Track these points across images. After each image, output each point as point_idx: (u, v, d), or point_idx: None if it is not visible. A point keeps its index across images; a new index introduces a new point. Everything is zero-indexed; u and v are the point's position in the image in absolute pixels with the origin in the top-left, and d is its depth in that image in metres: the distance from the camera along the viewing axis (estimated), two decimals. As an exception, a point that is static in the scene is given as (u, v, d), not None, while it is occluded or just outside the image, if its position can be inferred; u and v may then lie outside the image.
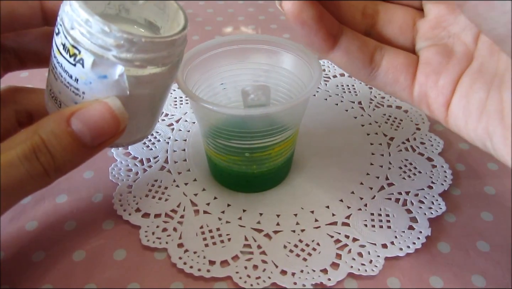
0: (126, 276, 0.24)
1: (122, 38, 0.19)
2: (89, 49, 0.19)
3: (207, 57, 0.29)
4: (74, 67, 0.20)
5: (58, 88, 0.21)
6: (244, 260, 0.25)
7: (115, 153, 0.32)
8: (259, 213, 0.28)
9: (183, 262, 0.25)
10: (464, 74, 0.20)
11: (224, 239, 0.26)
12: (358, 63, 0.21)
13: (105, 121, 0.20)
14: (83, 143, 0.20)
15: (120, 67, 0.19)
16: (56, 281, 0.24)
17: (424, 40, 0.21)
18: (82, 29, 0.19)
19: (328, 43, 0.21)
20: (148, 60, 0.20)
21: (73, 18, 0.19)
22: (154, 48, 0.20)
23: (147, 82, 0.21)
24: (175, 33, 0.21)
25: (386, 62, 0.21)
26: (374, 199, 0.29)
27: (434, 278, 0.25)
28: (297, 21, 0.20)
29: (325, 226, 0.27)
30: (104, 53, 0.19)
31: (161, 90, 0.23)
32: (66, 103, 0.21)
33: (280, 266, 0.25)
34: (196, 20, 0.50)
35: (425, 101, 0.21)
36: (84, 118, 0.20)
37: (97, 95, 0.20)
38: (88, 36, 0.19)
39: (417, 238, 0.26)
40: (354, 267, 0.25)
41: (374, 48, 0.21)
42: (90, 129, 0.20)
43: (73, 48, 0.20)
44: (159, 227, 0.27)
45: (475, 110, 0.19)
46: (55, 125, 0.20)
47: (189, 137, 0.34)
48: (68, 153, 0.20)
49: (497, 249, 0.26)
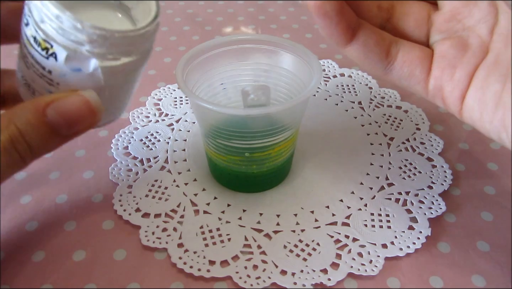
0: (126, 276, 0.24)
1: (95, 34, 0.19)
2: (62, 44, 0.19)
3: (207, 57, 0.29)
4: (47, 60, 0.20)
5: (31, 77, 0.21)
6: (244, 260, 0.25)
7: (115, 153, 0.32)
8: (259, 213, 0.28)
9: (183, 262, 0.25)
10: (479, 67, 0.20)
11: (224, 239, 0.26)
12: (374, 57, 0.21)
13: (82, 113, 0.21)
14: (58, 133, 0.21)
15: (94, 60, 0.20)
16: (56, 281, 0.24)
17: (439, 33, 0.22)
18: (53, 24, 0.19)
19: (347, 36, 0.21)
20: (121, 52, 0.20)
21: (42, 11, 0.19)
22: (127, 41, 0.20)
23: (120, 71, 0.21)
24: (147, 24, 0.21)
25: (402, 56, 0.22)
26: (374, 199, 0.29)
27: (434, 278, 0.25)
28: (319, 12, 0.20)
29: (325, 226, 0.27)
30: (77, 48, 0.19)
31: (134, 76, 0.23)
32: (40, 92, 0.21)
33: (280, 266, 0.25)
34: (196, 20, 0.50)
35: (440, 95, 0.21)
36: (60, 109, 0.20)
37: (72, 86, 0.21)
38: (60, 32, 0.19)
39: (417, 238, 0.26)
40: (354, 267, 0.25)
41: (390, 42, 0.22)
42: (66, 121, 0.21)
43: (44, 42, 0.19)
44: (159, 227, 0.27)
45: (490, 102, 0.19)
46: (31, 116, 0.20)
47: (189, 137, 0.34)
48: (44, 141, 0.21)
49: (497, 249, 0.26)
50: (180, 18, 0.51)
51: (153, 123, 0.35)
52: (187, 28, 0.49)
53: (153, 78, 0.41)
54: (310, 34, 0.48)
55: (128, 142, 0.33)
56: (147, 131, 0.34)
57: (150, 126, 0.35)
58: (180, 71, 0.26)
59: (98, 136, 0.34)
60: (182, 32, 0.48)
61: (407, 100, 0.38)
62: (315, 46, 0.45)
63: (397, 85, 0.24)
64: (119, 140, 0.34)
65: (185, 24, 0.50)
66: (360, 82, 0.40)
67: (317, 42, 0.46)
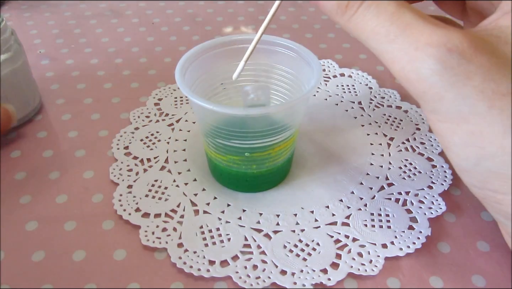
0: (126, 276, 0.24)
1: None
2: None
3: (207, 57, 0.29)
4: None
5: None
6: (244, 260, 0.25)
7: (116, 153, 0.32)
8: (259, 213, 0.28)
9: (183, 262, 0.25)
10: None
11: (224, 239, 0.26)
12: None
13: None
14: None
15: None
16: (56, 281, 0.24)
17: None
18: None
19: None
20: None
21: None
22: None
23: None
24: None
25: None
26: (374, 199, 0.29)
27: (434, 278, 0.25)
28: None
29: (325, 226, 0.27)
30: None
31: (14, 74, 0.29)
32: None
33: (280, 266, 0.25)
34: (196, 20, 0.50)
35: None
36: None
37: None
38: None
39: (417, 238, 0.26)
40: (354, 267, 0.25)
41: None
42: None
43: None
44: (159, 227, 0.27)
45: None
46: None
47: (189, 138, 0.34)
48: None
49: (497, 249, 0.26)
50: (180, 18, 0.51)
51: (153, 123, 0.35)
52: (187, 28, 0.49)
53: (153, 78, 0.41)
54: (310, 34, 0.48)
55: (129, 142, 0.33)
56: (147, 131, 0.34)
57: (151, 126, 0.35)
58: (180, 71, 0.26)
59: (98, 136, 0.34)
60: (182, 32, 0.48)
61: (407, 100, 0.38)
62: (315, 46, 0.45)
63: (397, 85, 0.23)
64: (120, 140, 0.34)
65: (185, 24, 0.50)
66: (360, 82, 0.40)
67: (317, 42, 0.46)
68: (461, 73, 0.17)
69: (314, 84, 0.25)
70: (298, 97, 0.25)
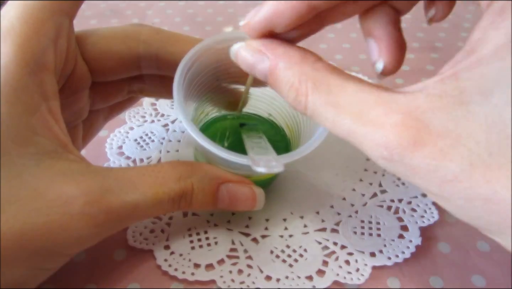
0: (126, 276, 0.24)
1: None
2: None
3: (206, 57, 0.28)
4: None
5: None
6: (230, 264, 0.25)
7: (109, 152, 0.32)
8: (248, 217, 0.28)
9: (168, 264, 0.25)
10: None
11: (211, 242, 0.26)
12: None
13: (245, 203, 0.24)
14: (217, 205, 0.24)
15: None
16: (56, 281, 0.24)
17: None
18: None
19: None
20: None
21: None
22: None
23: None
24: None
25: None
26: (366, 206, 0.28)
27: (434, 278, 0.24)
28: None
29: (314, 232, 0.27)
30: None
31: None
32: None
33: (265, 272, 0.24)
34: (196, 20, 0.50)
35: None
36: (231, 192, 0.24)
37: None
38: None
39: (407, 247, 0.26)
40: (340, 275, 0.24)
41: None
42: (231, 201, 0.24)
43: None
44: (147, 228, 0.27)
45: None
46: (207, 183, 0.23)
47: (183, 139, 0.34)
48: (204, 206, 0.24)
49: (497, 249, 0.26)
50: (180, 18, 0.51)
51: (148, 123, 0.35)
52: (187, 28, 0.49)
53: (151, 78, 0.41)
54: (311, 36, 0.47)
55: (123, 142, 0.33)
56: (142, 131, 0.34)
57: (146, 126, 0.35)
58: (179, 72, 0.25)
59: (98, 135, 0.34)
60: (182, 32, 0.48)
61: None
62: (315, 46, 0.45)
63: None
64: (114, 139, 0.34)
65: (185, 24, 0.50)
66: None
67: (317, 42, 0.46)
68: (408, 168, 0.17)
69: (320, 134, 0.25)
70: (303, 150, 0.24)
